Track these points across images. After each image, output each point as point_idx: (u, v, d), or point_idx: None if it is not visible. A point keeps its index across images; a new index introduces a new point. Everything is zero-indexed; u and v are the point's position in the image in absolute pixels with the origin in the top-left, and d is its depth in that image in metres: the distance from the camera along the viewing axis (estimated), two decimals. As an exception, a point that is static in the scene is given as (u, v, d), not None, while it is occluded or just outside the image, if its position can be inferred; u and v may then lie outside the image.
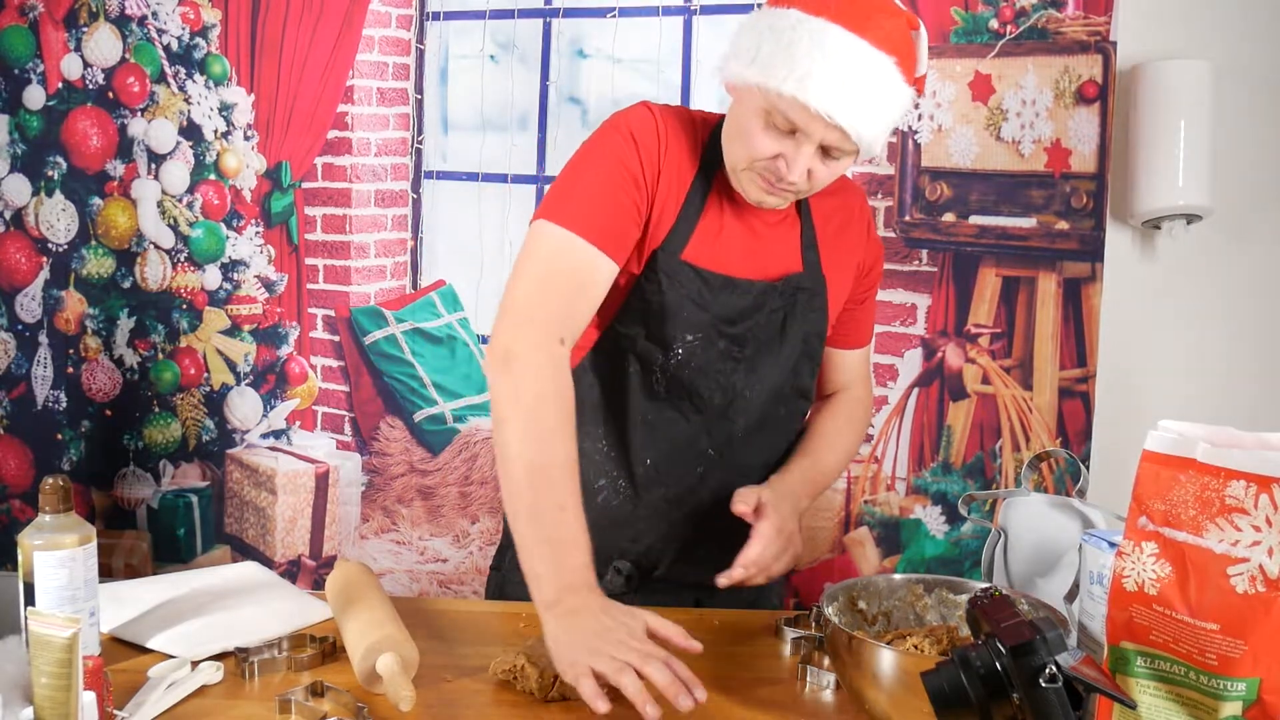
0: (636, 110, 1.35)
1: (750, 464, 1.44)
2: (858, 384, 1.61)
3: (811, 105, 1.20)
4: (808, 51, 1.19)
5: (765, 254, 1.40)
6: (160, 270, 2.64)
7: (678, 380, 1.38)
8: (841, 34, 1.20)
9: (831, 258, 1.45)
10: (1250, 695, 0.90)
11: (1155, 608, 0.94)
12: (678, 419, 1.40)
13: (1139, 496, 0.96)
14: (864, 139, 1.23)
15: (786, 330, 1.41)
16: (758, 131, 1.26)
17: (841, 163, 1.29)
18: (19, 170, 2.65)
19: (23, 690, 1.01)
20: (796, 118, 1.22)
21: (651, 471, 1.41)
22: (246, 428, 2.67)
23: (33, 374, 2.68)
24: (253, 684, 1.19)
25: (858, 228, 1.50)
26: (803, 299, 1.42)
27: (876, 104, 1.22)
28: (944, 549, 2.47)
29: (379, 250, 2.62)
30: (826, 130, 1.22)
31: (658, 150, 1.32)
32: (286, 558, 2.67)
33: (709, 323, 1.36)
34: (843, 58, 1.20)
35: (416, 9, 2.56)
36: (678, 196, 1.33)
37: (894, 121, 1.27)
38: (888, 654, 1.04)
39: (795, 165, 1.25)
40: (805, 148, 1.24)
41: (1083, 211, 2.38)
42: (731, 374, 1.39)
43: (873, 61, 1.21)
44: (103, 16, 2.60)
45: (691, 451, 1.41)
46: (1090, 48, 2.35)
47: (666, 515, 1.42)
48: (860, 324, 1.58)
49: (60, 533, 1.15)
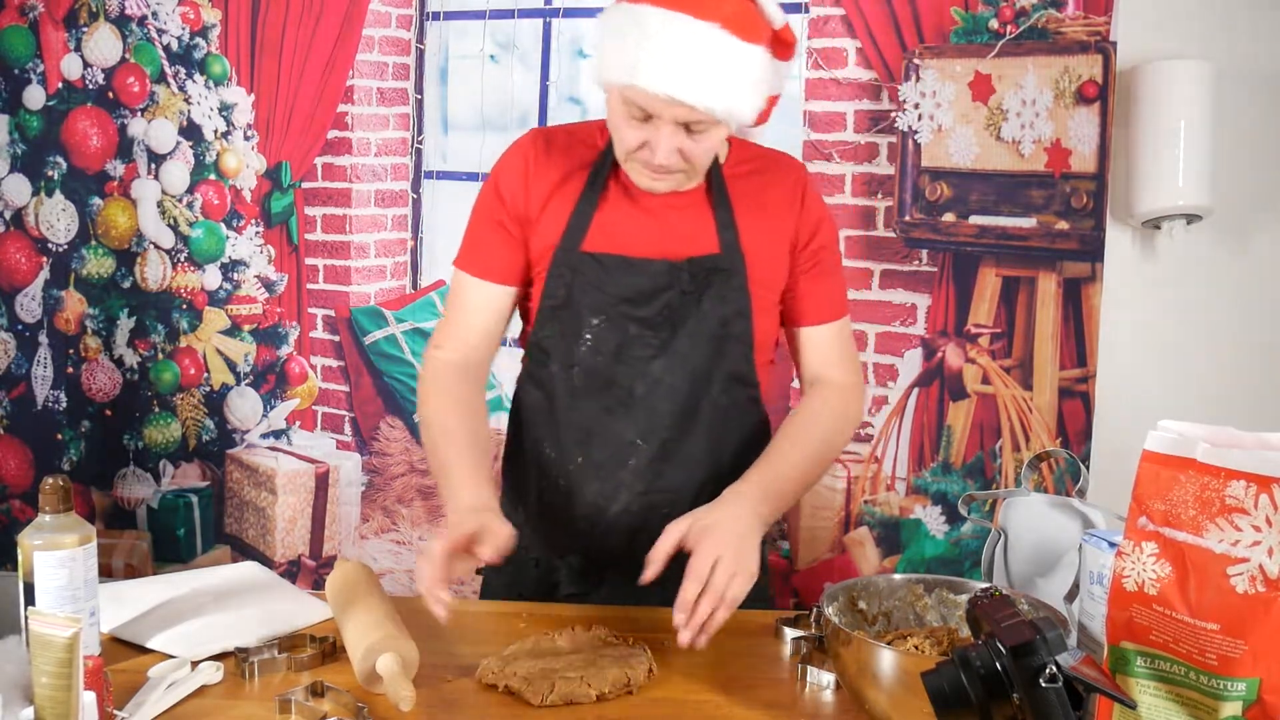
0: (510, 147, 1.50)
1: (693, 455, 1.44)
2: (835, 367, 1.51)
3: (647, 89, 1.26)
4: (636, 40, 1.27)
5: (672, 236, 1.43)
6: (160, 270, 2.64)
7: (594, 371, 1.43)
8: (659, 14, 1.26)
9: (754, 236, 1.44)
10: (1250, 695, 0.90)
11: (1155, 608, 0.94)
12: (600, 413, 1.44)
13: (1139, 496, 0.96)
14: (716, 109, 1.27)
15: (702, 311, 1.42)
16: (622, 125, 1.33)
17: (713, 134, 1.32)
18: (19, 170, 2.65)
19: (23, 690, 1.01)
20: (643, 104, 1.28)
21: (585, 468, 1.45)
22: (246, 428, 2.67)
23: (33, 374, 2.68)
24: (253, 684, 1.19)
25: (786, 202, 1.47)
26: (718, 279, 1.42)
27: (713, 73, 1.26)
28: (944, 549, 2.47)
29: (379, 250, 2.62)
30: (672, 109, 1.27)
31: (523, 178, 1.45)
32: (286, 558, 2.67)
33: (610, 304, 1.42)
34: (664, 37, 1.25)
35: (416, 9, 2.56)
36: (566, 202, 1.44)
37: (752, 83, 1.30)
38: (888, 654, 1.04)
39: (659, 148, 1.31)
40: (663, 130, 1.30)
41: (1083, 211, 2.38)
42: (650, 361, 1.42)
43: (695, 33, 1.25)
44: (103, 16, 2.60)
45: (618, 444, 1.44)
46: (1090, 48, 2.35)
47: (605, 510, 1.45)
48: (816, 297, 1.50)
49: (60, 533, 1.15)
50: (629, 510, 1.44)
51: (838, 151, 2.45)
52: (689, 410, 1.43)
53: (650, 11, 1.27)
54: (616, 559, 1.43)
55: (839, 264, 1.55)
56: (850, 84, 2.43)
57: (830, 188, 2.45)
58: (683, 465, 1.44)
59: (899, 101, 2.42)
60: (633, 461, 1.44)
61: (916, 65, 2.41)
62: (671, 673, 1.23)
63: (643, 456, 1.43)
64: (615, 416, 1.43)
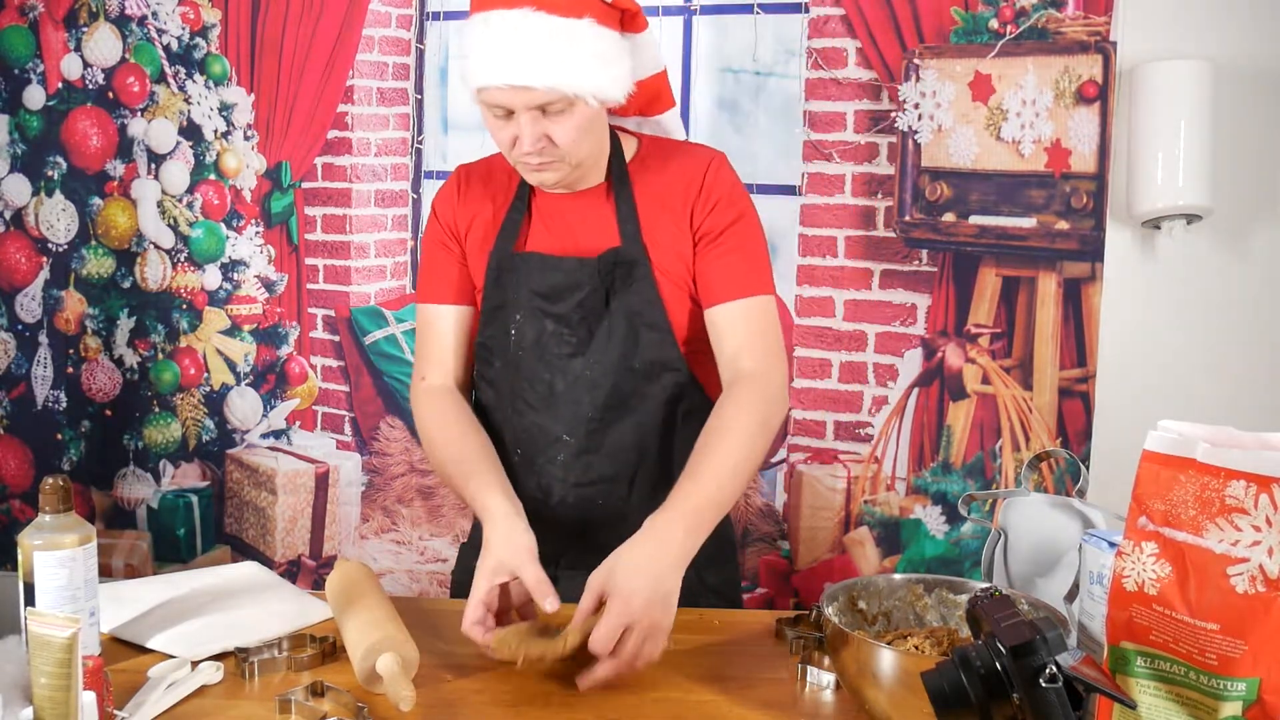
0: (443, 185, 1.60)
1: (621, 444, 1.48)
2: (746, 354, 1.44)
3: (487, 84, 1.34)
4: (472, 46, 1.36)
5: (586, 234, 1.48)
6: (160, 270, 2.64)
7: (518, 367, 1.49)
8: (482, 16, 1.35)
9: (656, 227, 1.47)
10: (1250, 695, 0.90)
11: (1155, 608, 0.94)
12: (527, 409, 1.50)
13: (1139, 496, 0.96)
14: (556, 85, 1.32)
15: (610, 306, 1.46)
16: (492, 127, 1.40)
17: (573, 114, 1.36)
18: (19, 170, 2.65)
19: (23, 690, 1.01)
20: (495, 101, 1.35)
21: (521, 464, 1.51)
22: (246, 428, 2.67)
23: (33, 374, 2.68)
24: (253, 684, 1.19)
25: (686, 185, 1.48)
26: (620, 272, 1.45)
27: (540, 52, 1.31)
28: (944, 549, 2.47)
29: (379, 250, 2.62)
30: (519, 95, 1.33)
31: (454, 205, 1.55)
32: (286, 558, 2.67)
33: (529, 300, 1.48)
34: (489, 34, 1.33)
35: (416, 9, 2.56)
36: (497, 214, 1.53)
37: (589, 56, 1.34)
38: (888, 654, 1.04)
39: (524, 136, 1.36)
40: (521, 118, 1.35)
41: (1083, 211, 2.38)
42: (569, 358, 1.47)
43: (512, 21, 1.32)
44: (103, 16, 2.60)
45: (546, 439, 1.49)
46: (1090, 48, 2.35)
47: (545, 503, 1.49)
48: (719, 274, 1.46)
49: (60, 533, 1.15)
50: (565, 502, 1.49)
51: (838, 151, 2.45)
52: (612, 403, 1.47)
53: (477, 18, 1.36)
54: (565, 549, 1.46)
55: (751, 241, 1.48)
56: (850, 84, 2.43)
57: (830, 188, 2.45)
58: (610, 456, 1.48)
59: (899, 101, 2.42)
60: (561, 456, 1.49)
61: (916, 65, 2.41)
62: (671, 673, 1.23)
63: (570, 450, 1.48)
64: (540, 412, 1.49)
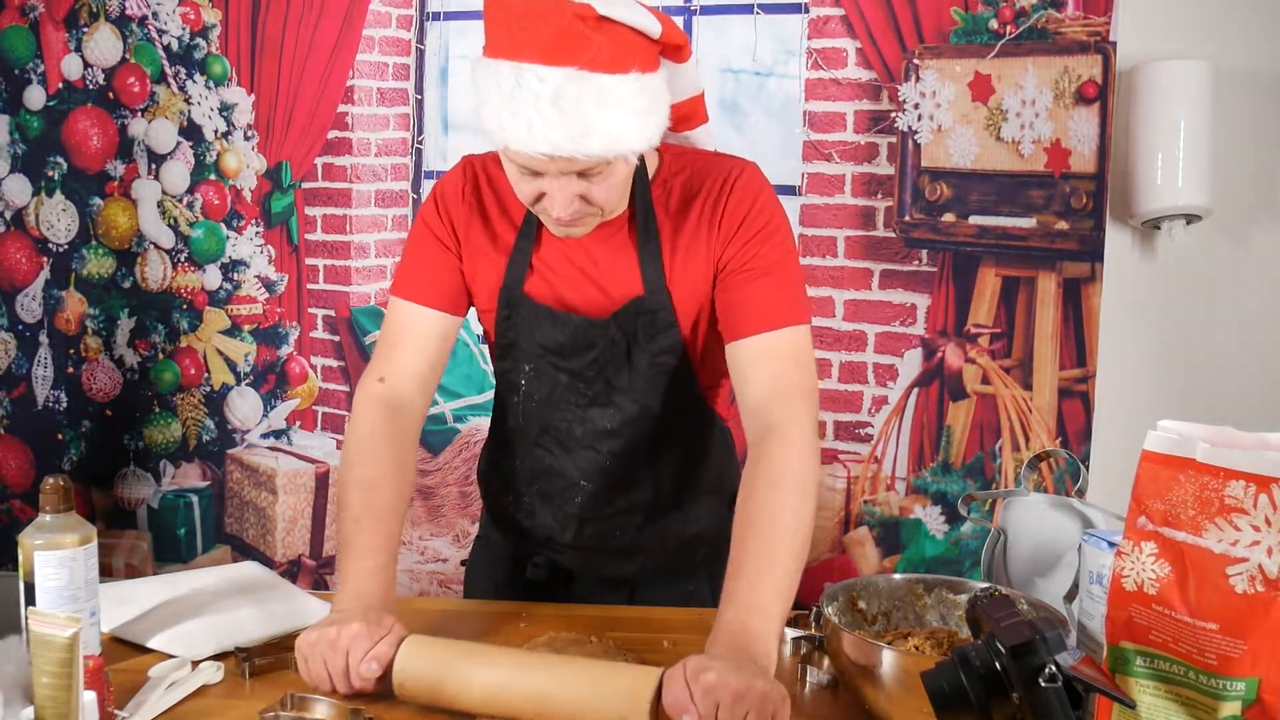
0: (449, 172, 1.41)
1: (639, 483, 1.41)
2: (774, 405, 1.25)
3: (518, 149, 1.16)
4: (498, 101, 1.15)
5: (603, 280, 1.34)
6: (160, 270, 2.64)
7: (531, 414, 1.41)
8: (512, 68, 1.14)
9: (681, 266, 1.32)
10: (1250, 695, 0.90)
11: (1155, 607, 0.94)
12: (543, 454, 1.42)
13: (1138, 496, 0.96)
14: (598, 152, 1.15)
15: (633, 360, 1.35)
16: (517, 181, 1.23)
17: (612, 173, 1.21)
18: (19, 170, 2.65)
19: (23, 690, 1.01)
20: (525, 163, 1.18)
21: (538, 496, 1.46)
22: (246, 428, 2.67)
23: (33, 374, 2.69)
24: (253, 684, 1.19)
25: (707, 217, 1.32)
26: (643, 323, 1.33)
27: (583, 118, 1.13)
28: (944, 549, 2.47)
29: (379, 250, 2.62)
30: (555, 163, 1.17)
31: (460, 201, 1.37)
32: (287, 558, 2.67)
33: (539, 354, 1.37)
34: (523, 94, 1.13)
35: (416, 9, 2.56)
36: (507, 234, 1.36)
37: (635, 112, 1.16)
38: (888, 654, 1.04)
39: (555, 202, 1.21)
40: (554, 183, 1.20)
41: (1082, 211, 2.38)
42: (586, 409, 1.38)
43: (550, 84, 1.12)
44: (103, 17, 2.60)
45: (562, 482, 1.42)
46: (1090, 48, 2.35)
47: (560, 535, 1.45)
48: (739, 302, 1.30)
49: (61, 533, 1.15)
50: (582, 534, 1.45)
51: (838, 151, 2.45)
52: (631, 449, 1.39)
53: (504, 67, 1.14)
54: (579, 573, 1.47)
55: (780, 265, 1.30)
56: (850, 84, 2.43)
57: (830, 188, 2.45)
58: (627, 493, 1.42)
59: (899, 102, 2.42)
60: (579, 499, 1.42)
61: (916, 65, 2.41)
62: (671, 673, 1.23)
63: (587, 494, 1.42)
64: (557, 457, 1.41)
